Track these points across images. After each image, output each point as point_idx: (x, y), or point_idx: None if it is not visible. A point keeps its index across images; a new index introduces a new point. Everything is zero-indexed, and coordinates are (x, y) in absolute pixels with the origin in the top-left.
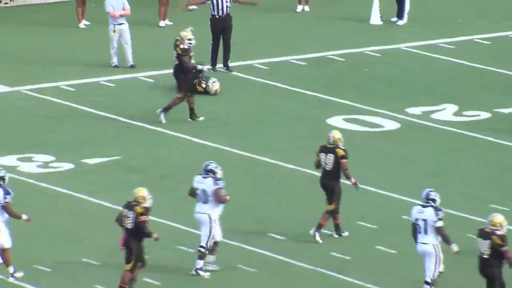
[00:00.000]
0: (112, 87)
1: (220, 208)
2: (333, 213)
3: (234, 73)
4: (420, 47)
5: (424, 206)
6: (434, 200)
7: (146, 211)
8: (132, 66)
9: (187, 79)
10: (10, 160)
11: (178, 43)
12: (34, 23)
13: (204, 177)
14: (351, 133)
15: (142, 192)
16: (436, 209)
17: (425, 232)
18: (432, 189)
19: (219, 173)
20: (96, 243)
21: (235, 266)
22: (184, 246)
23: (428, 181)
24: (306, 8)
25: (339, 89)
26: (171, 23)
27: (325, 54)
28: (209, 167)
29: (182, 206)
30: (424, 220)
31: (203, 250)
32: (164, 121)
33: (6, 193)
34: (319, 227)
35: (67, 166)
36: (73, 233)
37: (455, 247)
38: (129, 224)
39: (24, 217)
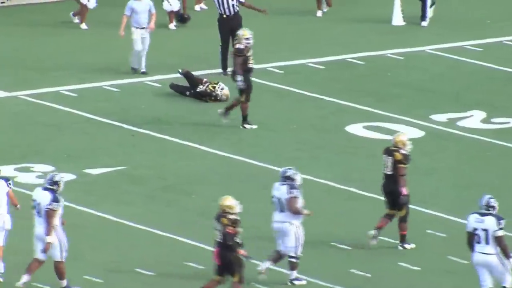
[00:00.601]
0: (116, 92)
1: (300, 217)
2: (405, 219)
3: None
4: (446, 49)
5: (483, 215)
6: (494, 208)
7: (233, 222)
8: (143, 73)
9: (246, 81)
10: (7, 170)
11: (235, 42)
12: (32, 24)
13: (281, 184)
14: (372, 141)
15: (228, 201)
16: (498, 218)
17: (486, 242)
18: (491, 196)
19: (298, 180)
20: (98, 259)
21: (248, 282)
22: (192, 262)
23: (454, 193)
24: (325, 8)
25: (359, 95)
26: (206, 7)
27: (344, 57)
28: (287, 174)
29: (190, 219)
30: (485, 230)
31: (294, 260)
32: (225, 121)
33: (54, 199)
34: (402, 238)
35: (67, 176)
36: (74, 249)
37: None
38: (218, 236)
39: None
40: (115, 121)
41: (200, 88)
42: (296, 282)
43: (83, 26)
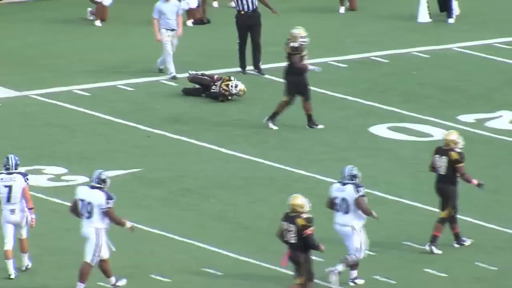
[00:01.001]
0: (131, 91)
1: (364, 218)
2: (444, 221)
3: (266, 76)
4: (474, 47)
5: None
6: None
7: (309, 221)
8: (174, 78)
9: (297, 82)
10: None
11: (289, 41)
12: (45, 21)
13: (344, 184)
14: (397, 143)
15: (297, 199)
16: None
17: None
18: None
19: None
20: (113, 265)
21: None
22: (210, 268)
23: (482, 197)
24: (347, 4)
25: (384, 94)
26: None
27: (368, 56)
28: (353, 172)
29: (208, 224)
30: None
31: (353, 257)
32: (275, 128)
33: (108, 197)
34: (433, 239)
35: (80, 179)
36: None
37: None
38: (292, 238)
39: (128, 224)
40: (130, 121)
41: (214, 89)
42: (357, 281)
43: (98, 23)
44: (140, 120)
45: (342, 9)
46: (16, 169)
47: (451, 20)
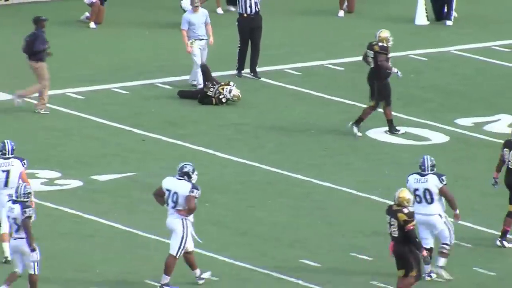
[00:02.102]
0: (126, 95)
1: (443, 203)
2: None
3: (262, 79)
4: (473, 50)
5: (423, 175)
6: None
7: (410, 216)
8: (194, 86)
9: (382, 86)
10: None
11: (374, 43)
12: None
13: (423, 175)
14: (394, 147)
15: (405, 193)
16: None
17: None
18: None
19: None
20: (108, 270)
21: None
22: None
23: (481, 201)
24: (345, 7)
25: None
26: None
27: None
28: (434, 162)
29: (205, 228)
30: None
31: (447, 247)
32: (359, 135)
33: (193, 187)
34: (504, 234)
35: (74, 183)
36: (82, 260)
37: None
38: (394, 232)
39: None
40: (125, 125)
41: (210, 93)
42: (442, 272)
43: (92, 25)
44: (135, 124)
45: (341, 13)
46: (12, 154)
47: (449, 23)
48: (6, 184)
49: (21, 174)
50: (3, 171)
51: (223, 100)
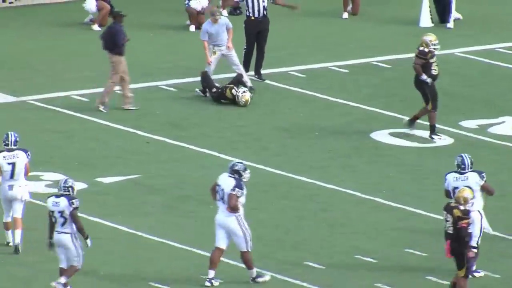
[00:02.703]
0: (130, 96)
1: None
2: None
3: (266, 81)
4: (477, 52)
5: (462, 173)
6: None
7: (465, 214)
8: (251, 89)
9: (429, 89)
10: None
11: (421, 47)
12: (41, 25)
13: (462, 173)
14: (399, 149)
15: (465, 192)
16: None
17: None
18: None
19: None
20: (111, 273)
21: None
22: None
23: (487, 204)
24: (349, 9)
25: (385, 100)
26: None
27: (369, 61)
28: (472, 160)
29: (208, 230)
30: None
31: (475, 250)
32: (411, 132)
33: (237, 186)
34: None
35: (78, 185)
36: (86, 262)
37: None
38: (449, 229)
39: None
40: (129, 127)
41: (219, 89)
42: (476, 274)
43: (95, 27)
44: (139, 126)
45: (345, 15)
46: (15, 145)
47: (449, 25)
48: (12, 176)
49: (26, 166)
50: (9, 163)
51: (233, 92)
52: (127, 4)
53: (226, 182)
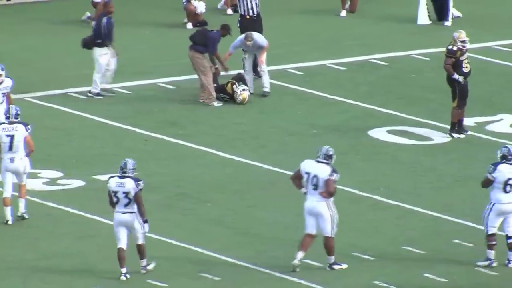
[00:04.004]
0: (128, 94)
1: None
2: None
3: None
4: (474, 50)
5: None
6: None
7: None
8: (265, 94)
9: (461, 87)
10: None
11: (449, 45)
12: (39, 22)
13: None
14: (396, 146)
15: None
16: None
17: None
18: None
19: None
20: (109, 270)
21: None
22: (208, 273)
23: (482, 201)
24: (347, 6)
25: (383, 97)
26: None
27: (367, 58)
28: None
29: (206, 228)
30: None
31: None
32: (462, 136)
33: (333, 170)
34: None
35: (76, 183)
36: (83, 259)
37: None
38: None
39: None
40: (127, 125)
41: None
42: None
43: (93, 24)
44: (137, 124)
45: (343, 13)
46: (16, 118)
47: (447, 23)
48: (10, 148)
49: (25, 139)
50: (7, 135)
51: (234, 88)
52: (124, 2)
53: (318, 168)
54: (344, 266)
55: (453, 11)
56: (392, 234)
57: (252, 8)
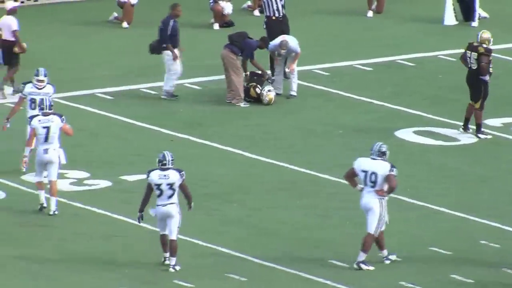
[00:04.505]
0: (154, 95)
1: None
2: None
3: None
4: (502, 50)
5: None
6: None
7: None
8: (291, 97)
9: (482, 88)
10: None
11: (476, 44)
12: (67, 23)
13: None
14: (423, 147)
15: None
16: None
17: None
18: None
19: None
20: (136, 270)
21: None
22: (234, 274)
23: (509, 202)
24: (374, 7)
25: (409, 98)
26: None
27: (393, 59)
28: None
29: (232, 229)
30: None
31: None
32: (489, 137)
33: (392, 166)
34: None
35: (103, 183)
36: (110, 259)
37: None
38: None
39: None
40: (153, 125)
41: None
42: None
43: (125, 24)
44: (163, 124)
45: (370, 13)
46: (50, 109)
47: (474, 24)
48: (46, 139)
49: (62, 129)
50: (44, 127)
51: (257, 91)
52: (152, 2)
53: (376, 165)
54: (371, 268)
55: (479, 12)
56: (418, 234)
57: (278, 9)
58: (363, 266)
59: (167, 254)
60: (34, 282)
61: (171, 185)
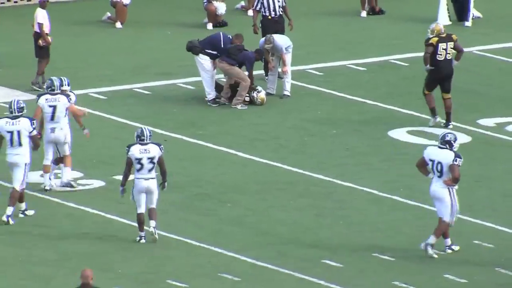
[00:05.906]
0: (148, 95)
1: None
2: None
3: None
4: (495, 50)
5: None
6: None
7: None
8: (285, 97)
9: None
10: (33, 176)
11: (444, 35)
12: (60, 22)
13: None
14: (416, 147)
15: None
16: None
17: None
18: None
19: None
20: (129, 270)
21: None
22: (228, 274)
23: (503, 202)
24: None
25: (403, 98)
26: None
27: (387, 59)
28: None
29: (226, 228)
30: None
31: None
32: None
33: (456, 155)
34: None
35: (96, 183)
36: (103, 259)
37: None
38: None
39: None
40: (147, 125)
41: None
42: None
43: (118, 25)
44: (157, 124)
45: (363, 13)
46: (59, 90)
47: (467, 23)
48: (52, 118)
49: (69, 109)
50: (50, 106)
51: (247, 100)
52: (146, 2)
53: (441, 154)
54: (435, 254)
55: (473, 12)
56: (412, 234)
57: (274, 10)
58: (454, 247)
59: (143, 233)
60: (29, 281)
61: (151, 159)
